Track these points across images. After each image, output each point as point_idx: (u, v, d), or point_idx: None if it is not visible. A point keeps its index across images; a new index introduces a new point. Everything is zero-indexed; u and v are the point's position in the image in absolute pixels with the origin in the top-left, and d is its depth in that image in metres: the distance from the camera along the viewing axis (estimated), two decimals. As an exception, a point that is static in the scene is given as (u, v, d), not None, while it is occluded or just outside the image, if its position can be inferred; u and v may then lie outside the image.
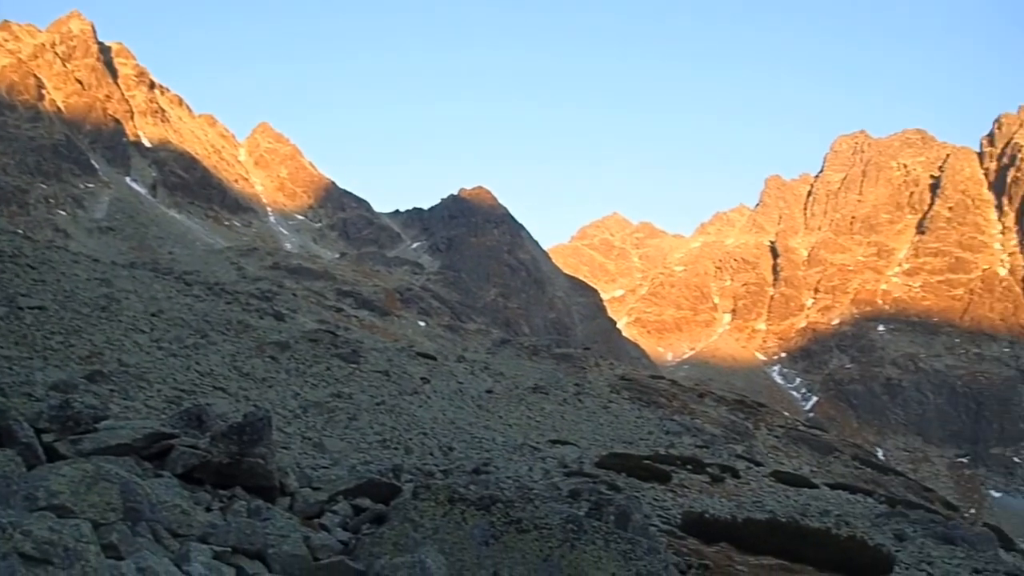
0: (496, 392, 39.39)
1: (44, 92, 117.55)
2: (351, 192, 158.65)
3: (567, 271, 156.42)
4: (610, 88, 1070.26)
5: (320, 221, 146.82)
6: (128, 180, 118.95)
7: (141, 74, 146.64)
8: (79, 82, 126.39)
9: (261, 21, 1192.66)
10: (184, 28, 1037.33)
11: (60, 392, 16.64)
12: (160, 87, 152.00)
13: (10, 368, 19.31)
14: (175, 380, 24.37)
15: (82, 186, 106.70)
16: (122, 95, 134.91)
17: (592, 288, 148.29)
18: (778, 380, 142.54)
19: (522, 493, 11.60)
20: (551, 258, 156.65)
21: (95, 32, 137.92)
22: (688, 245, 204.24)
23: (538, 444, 28.58)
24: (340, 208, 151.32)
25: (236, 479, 7.78)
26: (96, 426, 7.70)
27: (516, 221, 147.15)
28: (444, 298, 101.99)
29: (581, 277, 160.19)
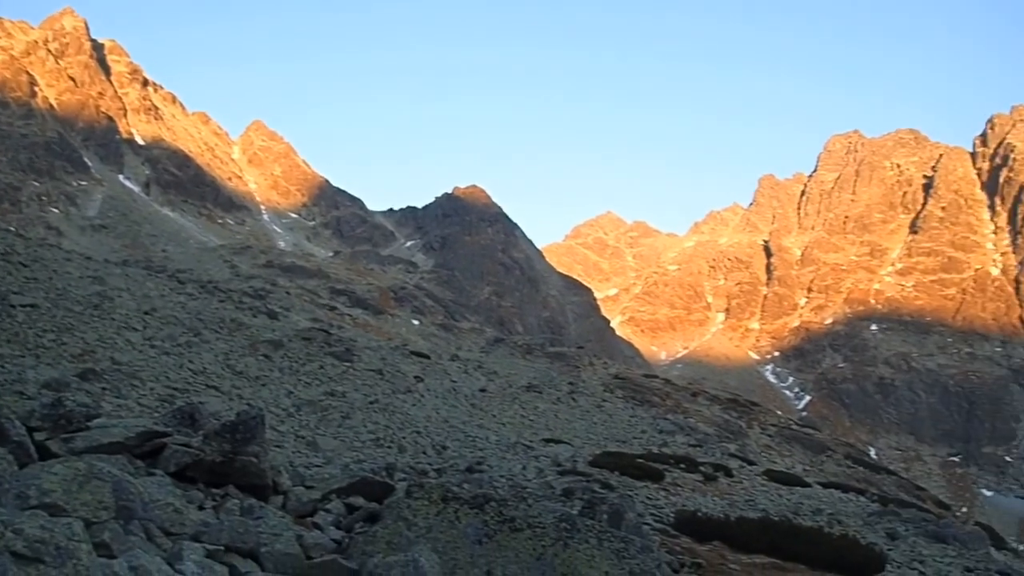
0: (490, 391, 39.40)
1: (37, 89, 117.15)
2: (345, 190, 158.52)
3: (561, 270, 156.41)
4: (604, 87, 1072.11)
5: (314, 219, 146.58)
6: (121, 178, 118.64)
7: (134, 71, 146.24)
8: (72, 79, 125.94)
9: (255, 19, 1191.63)
10: (177, 25, 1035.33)
11: (52, 390, 16.59)
12: (153, 84, 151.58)
13: (2, 366, 19.25)
14: (168, 378, 24.32)
15: (75, 184, 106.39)
16: (115, 92, 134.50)
17: (586, 287, 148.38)
18: (771, 379, 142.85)
19: (515, 492, 11.59)
20: (545, 257, 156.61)
21: (88, 29, 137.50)
22: (682, 244, 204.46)
23: (532, 443, 28.59)
24: (334, 206, 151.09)
25: (229, 477, 7.77)
26: (88, 424, 7.68)
27: (510, 220, 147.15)
28: (438, 297, 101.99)
29: (575, 276, 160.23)
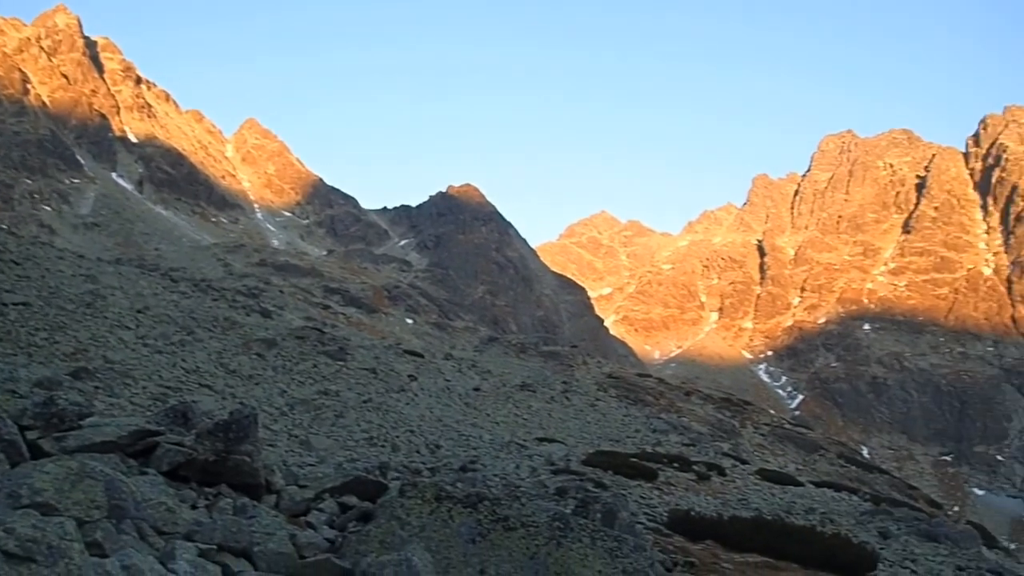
0: (483, 390, 39.40)
1: (29, 87, 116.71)
2: (339, 189, 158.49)
3: (555, 269, 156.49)
4: (599, 87, 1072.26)
5: (307, 218, 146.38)
6: (114, 176, 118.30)
7: (127, 69, 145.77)
8: (65, 77, 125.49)
9: (249, 17, 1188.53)
10: (170, 23, 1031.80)
11: (44, 389, 16.49)
12: (147, 82, 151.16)
13: (-6, 364, 19.17)
14: (161, 377, 24.27)
15: (67, 181, 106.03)
16: (108, 90, 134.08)
17: (580, 286, 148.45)
18: (764, 378, 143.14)
19: (509, 491, 11.60)
20: (539, 256, 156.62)
21: (81, 26, 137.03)
22: (676, 243, 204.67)
23: (525, 442, 28.60)
24: (328, 205, 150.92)
25: (222, 477, 7.75)
26: (81, 423, 7.65)
27: (504, 219, 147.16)
28: (432, 295, 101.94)
29: (569, 275, 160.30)
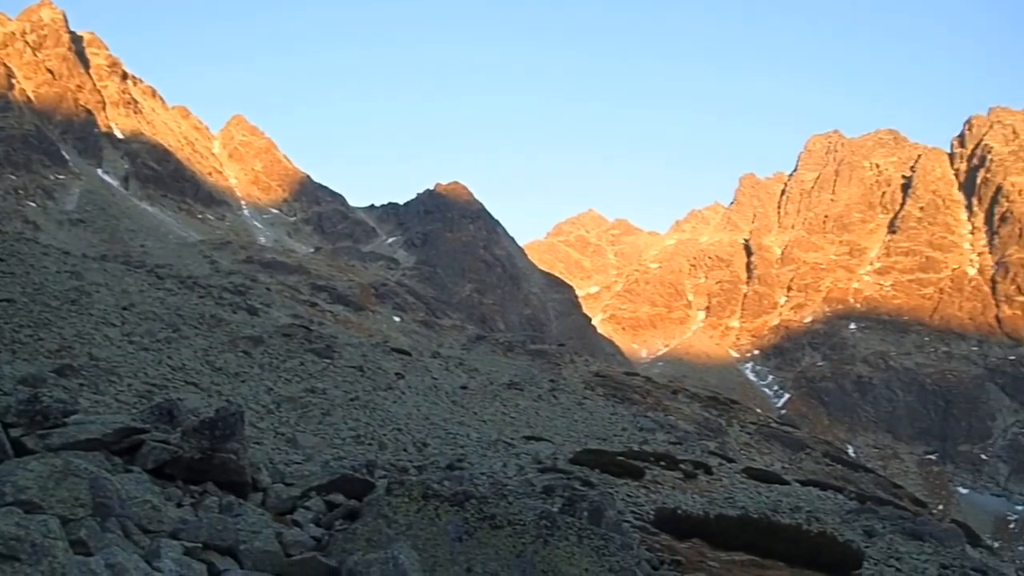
0: (471, 388, 39.41)
1: (14, 81, 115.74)
2: (326, 186, 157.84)
3: (543, 267, 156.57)
4: (586, 85, 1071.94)
5: (295, 215, 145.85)
6: (100, 172, 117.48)
7: (113, 64, 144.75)
8: (50, 72, 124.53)
9: (236, 14, 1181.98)
10: (157, 19, 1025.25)
11: (28, 386, 16.39)
12: (133, 78, 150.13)
13: (-23, 361, 19.03)
14: (146, 374, 24.15)
15: (52, 177, 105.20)
16: (94, 85, 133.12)
17: (567, 285, 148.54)
18: (751, 377, 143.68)
19: (496, 489, 11.59)
20: (527, 254, 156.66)
21: (67, 21, 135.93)
22: (663, 242, 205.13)
23: (512, 440, 28.63)
24: (315, 202, 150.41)
25: (208, 475, 7.71)
26: (65, 420, 7.59)
27: (492, 217, 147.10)
28: (419, 293, 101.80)
29: (556, 274, 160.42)
